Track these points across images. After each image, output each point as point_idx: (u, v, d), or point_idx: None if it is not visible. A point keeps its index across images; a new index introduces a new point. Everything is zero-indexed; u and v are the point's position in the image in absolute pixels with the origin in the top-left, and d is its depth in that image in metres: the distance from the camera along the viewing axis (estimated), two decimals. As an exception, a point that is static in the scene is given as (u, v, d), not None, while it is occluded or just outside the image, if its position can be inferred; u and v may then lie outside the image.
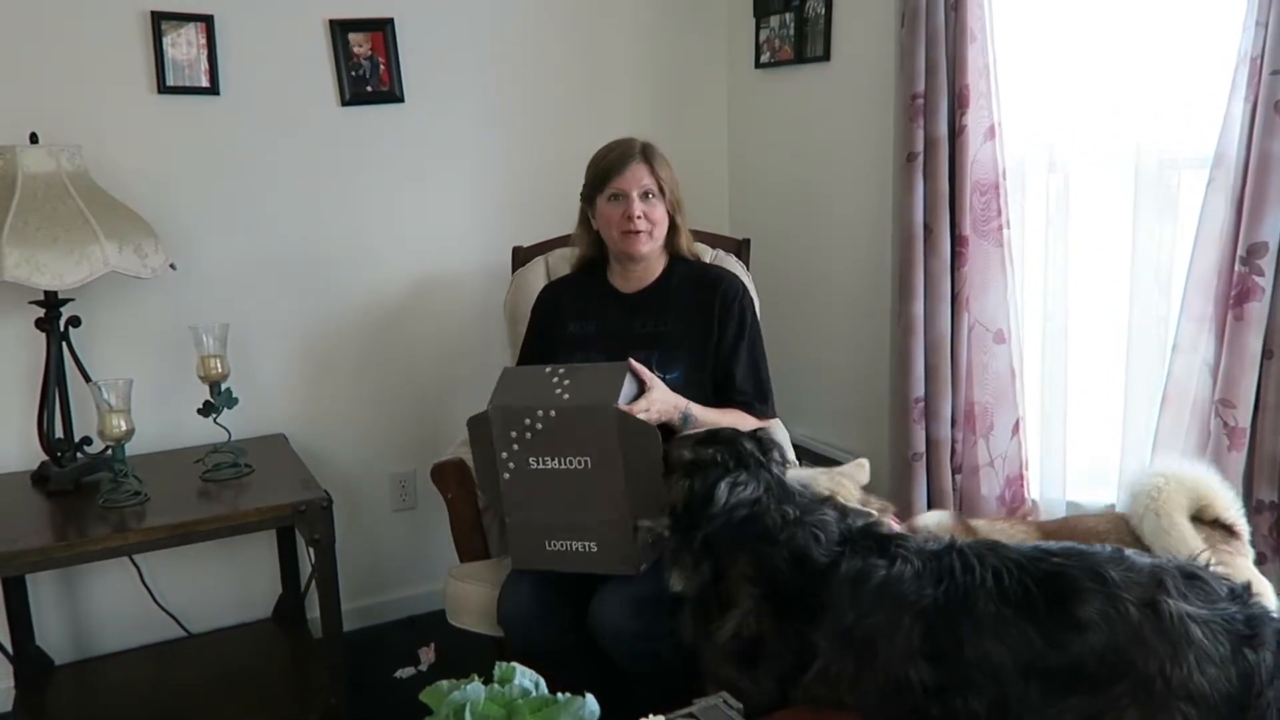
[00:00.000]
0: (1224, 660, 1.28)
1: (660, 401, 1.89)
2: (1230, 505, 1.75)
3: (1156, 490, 1.72)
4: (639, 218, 2.04)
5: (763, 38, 3.01)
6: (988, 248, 2.32)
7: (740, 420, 2.02)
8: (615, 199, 2.07)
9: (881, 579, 1.43)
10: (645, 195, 2.06)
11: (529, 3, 2.88)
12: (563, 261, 2.46)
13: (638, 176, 2.05)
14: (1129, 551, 1.41)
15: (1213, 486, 1.75)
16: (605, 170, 2.08)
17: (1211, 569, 1.39)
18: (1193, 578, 1.35)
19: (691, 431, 1.82)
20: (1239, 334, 1.86)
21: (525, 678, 1.13)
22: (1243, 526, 1.76)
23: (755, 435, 1.73)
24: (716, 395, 2.09)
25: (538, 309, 2.25)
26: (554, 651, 1.85)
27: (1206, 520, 1.74)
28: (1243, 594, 1.35)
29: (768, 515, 1.57)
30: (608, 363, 1.93)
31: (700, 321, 2.09)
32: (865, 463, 1.90)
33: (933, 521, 1.86)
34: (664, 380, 1.98)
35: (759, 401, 2.11)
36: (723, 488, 1.59)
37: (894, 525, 1.82)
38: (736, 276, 2.20)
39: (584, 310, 2.16)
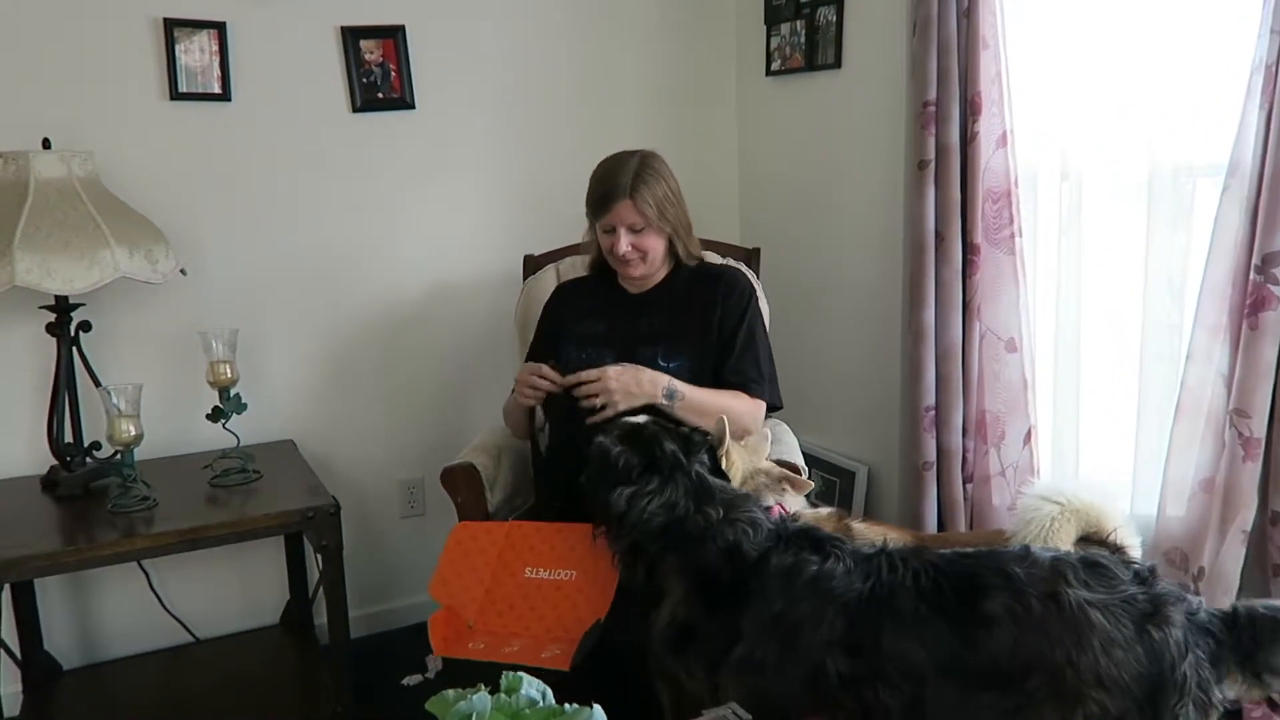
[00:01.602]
0: (1129, 641, 1.33)
1: (622, 378, 1.92)
2: (1120, 526, 1.73)
3: (1051, 520, 1.70)
4: (627, 250, 2.07)
5: (773, 45, 3.00)
6: (1000, 256, 2.30)
7: (735, 400, 2.04)
8: (607, 231, 2.10)
9: (814, 573, 1.50)
10: (633, 229, 2.07)
11: (539, 11, 2.89)
12: (574, 270, 2.47)
13: (623, 215, 2.05)
14: (1034, 548, 1.47)
15: (1105, 511, 1.74)
16: (594, 204, 2.10)
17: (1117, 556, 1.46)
18: (1094, 566, 1.41)
19: (628, 420, 1.80)
20: (1254, 343, 1.85)
21: (532, 688, 1.11)
22: (1130, 545, 1.75)
23: (683, 433, 1.74)
24: (716, 380, 2.10)
25: (550, 306, 2.29)
26: (578, 675, 1.84)
27: (1095, 542, 1.73)
28: (1149, 577, 1.40)
29: (688, 521, 1.61)
30: None
31: (702, 314, 2.12)
32: (767, 433, 2.01)
33: (809, 515, 1.88)
34: (666, 371, 2.03)
35: (755, 383, 2.10)
36: (618, 497, 1.63)
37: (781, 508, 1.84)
38: (740, 271, 2.25)
39: (595, 310, 2.19)
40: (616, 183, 2.04)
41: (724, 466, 1.83)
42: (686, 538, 1.60)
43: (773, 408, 2.15)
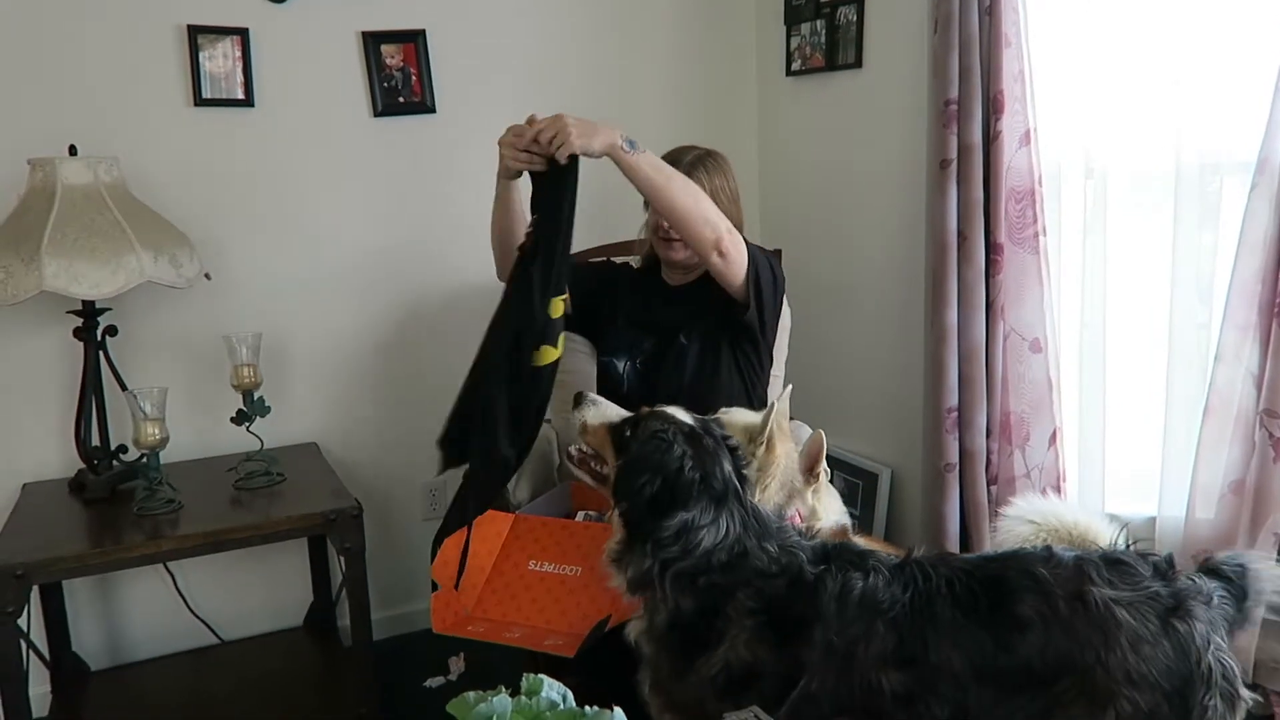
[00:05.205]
0: (1155, 636, 1.34)
1: (579, 121, 1.85)
2: (1104, 536, 1.67)
3: (1025, 543, 1.66)
4: (668, 227, 2.11)
5: (794, 45, 2.99)
6: (1023, 255, 2.28)
7: (703, 196, 1.97)
8: None
9: (861, 590, 1.46)
10: None
11: (558, 13, 2.89)
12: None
13: None
14: (1056, 548, 1.47)
15: (1090, 526, 1.69)
16: None
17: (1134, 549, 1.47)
18: (1116, 563, 1.42)
19: (671, 412, 1.64)
20: (1285, 343, 1.82)
21: (553, 690, 1.11)
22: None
23: (736, 455, 1.62)
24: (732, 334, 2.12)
25: (598, 267, 2.33)
26: (581, 664, 1.84)
27: None
28: (1166, 570, 1.41)
29: (755, 557, 1.49)
30: None
31: (726, 298, 2.11)
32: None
33: (826, 532, 1.79)
34: (685, 347, 2.09)
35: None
36: (665, 527, 1.48)
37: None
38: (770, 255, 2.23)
39: (639, 295, 2.24)
40: (679, 160, 2.12)
41: (764, 456, 1.76)
42: (757, 573, 1.49)
43: (744, 306, 2.09)
